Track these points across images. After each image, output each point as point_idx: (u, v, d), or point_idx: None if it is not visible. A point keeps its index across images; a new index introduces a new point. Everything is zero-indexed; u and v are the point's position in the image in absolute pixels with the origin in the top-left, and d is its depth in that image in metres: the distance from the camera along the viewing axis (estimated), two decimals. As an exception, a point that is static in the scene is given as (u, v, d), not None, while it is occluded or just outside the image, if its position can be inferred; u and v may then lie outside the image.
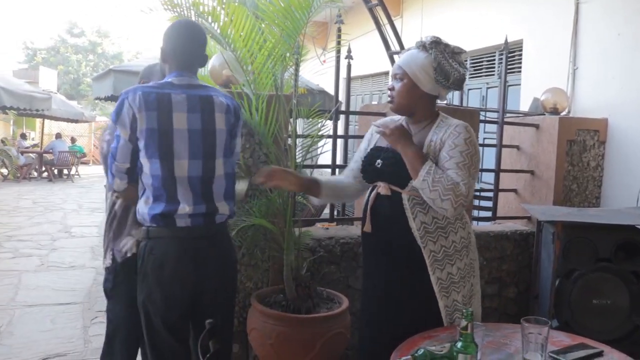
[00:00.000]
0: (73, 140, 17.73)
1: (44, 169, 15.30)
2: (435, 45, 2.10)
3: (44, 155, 15.28)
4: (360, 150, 2.39)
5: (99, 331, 4.03)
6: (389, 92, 2.23)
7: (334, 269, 3.26)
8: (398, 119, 2.32)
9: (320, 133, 2.93)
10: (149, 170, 2.11)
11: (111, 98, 6.48)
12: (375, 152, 2.24)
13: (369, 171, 2.22)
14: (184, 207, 2.12)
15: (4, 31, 47.32)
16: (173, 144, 2.10)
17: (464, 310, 1.54)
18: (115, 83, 5.50)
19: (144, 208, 2.15)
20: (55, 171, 15.37)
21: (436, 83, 2.10)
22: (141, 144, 2.11)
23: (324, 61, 3.40)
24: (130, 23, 59.58)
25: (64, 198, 11.35)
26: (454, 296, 2.10)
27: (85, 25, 35.67)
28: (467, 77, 2.16)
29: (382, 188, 2.14)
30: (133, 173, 2.18)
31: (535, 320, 1.71)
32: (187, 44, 2.23)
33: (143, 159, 2.12)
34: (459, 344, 1.55)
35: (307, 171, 3.36)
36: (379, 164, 2.16)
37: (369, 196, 2.25)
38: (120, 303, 2.47)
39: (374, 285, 2.25)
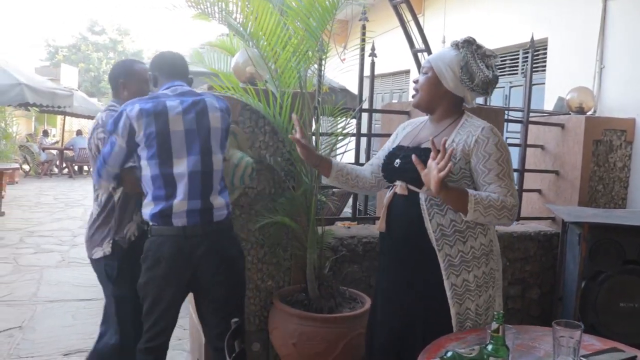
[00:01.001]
0: (93, 137, 17.85)
1: (64, 165, 15.47)
2: (467, 45, 2.05)
3: (65, 151, 15.45)
4: (384, 149, 2.36)
5: (120, 327, 4.05)
6: (413, 84, 2.19)
7: (356, 269, 3.24)
8: (422, 120, 2.27)
9: (344, 131, 2.91)
10: (149, 172, 2.27)
11: (132, 95, 6.49)
12: (396, 151, 2.19)
13: (388, 170, 2.18)
14: (180, 203, 2.24)
15: (26, 29, 47.93)
16: (171, 144, 2.26)
17: (495, 313, 1.50)
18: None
19: (146, 209, 2.31)
20: (76, 167, 15.54)
21: (460, 83, 2.04)
22: (142, 149, 2.27)
23: (344, 59, 3.38)
24: (151, 21, 59.97)
25: (84, 194, 11.45)
26: (468, 304, 2.01)
27: (106, 23, 35.93)
28: (494, 81, 2.06)
29: (399, 187, 2.09)
30: (119, 178, 2.41)
31: (566, 323, 1.67)
32: (171, 60, 2.49)
33: (143, 163, 2.28)
34: (490, 347, 1.52)
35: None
36: (397, 163, 2.11)
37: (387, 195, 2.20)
38: (126, 285, 2.54)
39: (386, 285, 2.20)
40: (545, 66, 5.38)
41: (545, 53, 5.37)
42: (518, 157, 3.90)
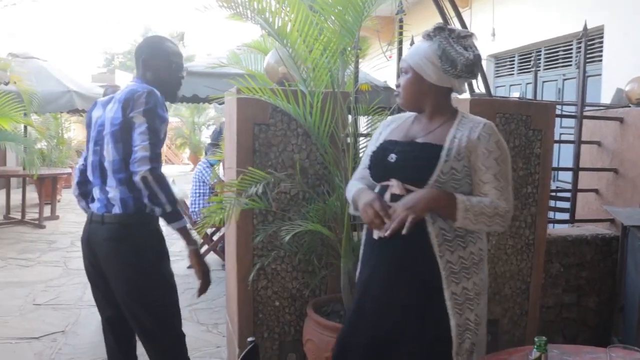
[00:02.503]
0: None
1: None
2: (439, 32, 1.89)
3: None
4: (367, 154, 2.11)
5: (160, 333, 4.02)
6: (395, 88, 2.03)
7: (396, 276, 3.08)
8: (409, 116, 2.09)
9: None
10: None
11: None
12: (387, 146, 1.98)
13: (381, 166, 1.96)
14: (92, 190, 2.40)
15: (86, 39, 49.73)
16: (89, 137, 2.44)
17: (536, 339, 1.32)
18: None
19: None
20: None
21: (444, 73, 1.88)
22: None
23: (390, 57, 3.22)
24: (203, 25, 61.08)
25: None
26: (467, 314, 1.86)
27: (160, 29, 36.72)
28: (477, 61, 1.89)
29: (397, 187, 1.88)
30: None
31: (624, 347, 1.47)
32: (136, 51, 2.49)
33: None
34: (532, 377, 1.34)
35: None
36: (392, 158, 1.92)
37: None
38: None
39: (375, 295, 1.96)
40: (601, 56, 5.06)
41: (602, 42, 5.05)
42: (572, 154, 3.65)
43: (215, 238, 6.24)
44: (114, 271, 2.30)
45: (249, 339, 1.52)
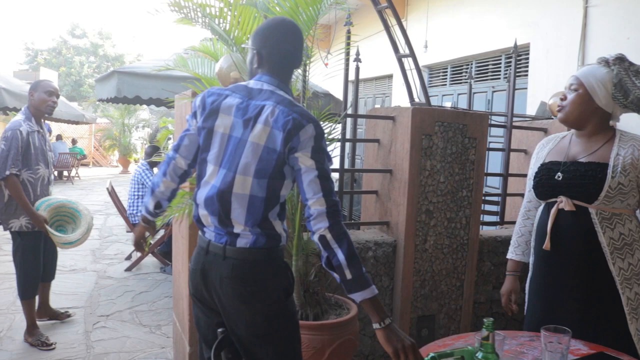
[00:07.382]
0: (74, 141, 17.69)
1: (44, 170, 15.25)
2: (619, 62, 2.09)
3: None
4: (529, 178, 2.36)
5: (101, 336, 3.98)
6: (559, 101, 2.20)
7: (341, 274, 3.21)
8: (563, 135, 2.26)
9: (329, 137, 2.88)
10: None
11: (114, 100, 6.40)
12: (551, 166, 2.19)
13: (547, 186, 2.17)
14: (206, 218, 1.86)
15: (5, 32, 47.29)
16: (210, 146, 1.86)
17: (484, 320, 1.49)
18: (118, 84, 5.44)
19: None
20: (56, 173, 15.33)
21: (613, 99, 2.08)
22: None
23: (327, 64, 3.36)
24: (133, 24, 59.52)
25: (65, 200, 11.25)
26: (636, 289, 2.05)
27: (87, 26, 35.53)
28: None
29: (566, 203, 2.10)
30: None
31: (555, 328, 1.66)
32: (281, 44, 1.92)
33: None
34: (480, 354, 1.51)
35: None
36: (559, 177, 2.12)
37: (545, 213, 2.19)
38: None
39: (553, 307, 2.19)
40: (527, 71, 5.43)
41: (528, 58, 5.41)
42: (501, 161, 3.92)
43: (152, 241, 6.19)
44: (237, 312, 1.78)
45: (219, 330, 1.60)
